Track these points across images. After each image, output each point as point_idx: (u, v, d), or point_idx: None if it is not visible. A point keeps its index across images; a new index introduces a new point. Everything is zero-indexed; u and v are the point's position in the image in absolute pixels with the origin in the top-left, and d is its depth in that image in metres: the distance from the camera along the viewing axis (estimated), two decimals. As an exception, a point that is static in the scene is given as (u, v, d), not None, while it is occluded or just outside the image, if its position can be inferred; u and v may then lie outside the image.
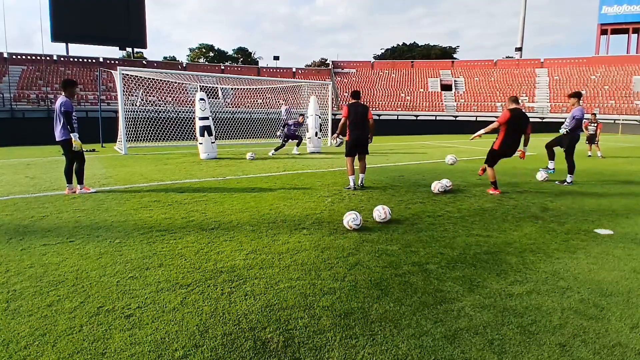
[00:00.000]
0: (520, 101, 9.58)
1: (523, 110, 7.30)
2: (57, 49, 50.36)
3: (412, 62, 58.78)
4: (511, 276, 3.52)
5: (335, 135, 7.98)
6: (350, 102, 7.51)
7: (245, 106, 36.22)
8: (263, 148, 15.48)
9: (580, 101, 8.23)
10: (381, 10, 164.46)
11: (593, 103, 43.77)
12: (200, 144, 12.24)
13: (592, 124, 14.49)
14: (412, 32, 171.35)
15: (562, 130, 8.38)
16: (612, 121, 37.93)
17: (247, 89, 28.80)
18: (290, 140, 13.79)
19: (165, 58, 70.77)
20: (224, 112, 28.62)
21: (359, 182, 7.62)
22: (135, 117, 15.70)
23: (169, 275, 3.44)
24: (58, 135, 6.74)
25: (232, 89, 41.51)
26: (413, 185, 7.88)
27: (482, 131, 7.24)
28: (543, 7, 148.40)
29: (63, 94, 6.78)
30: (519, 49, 57.78)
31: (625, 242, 4.50)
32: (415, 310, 2.89)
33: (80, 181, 6.91)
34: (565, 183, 8.17)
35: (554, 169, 8.92)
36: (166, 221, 5.09)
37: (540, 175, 8.62)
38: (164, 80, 18.15)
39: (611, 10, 51.29)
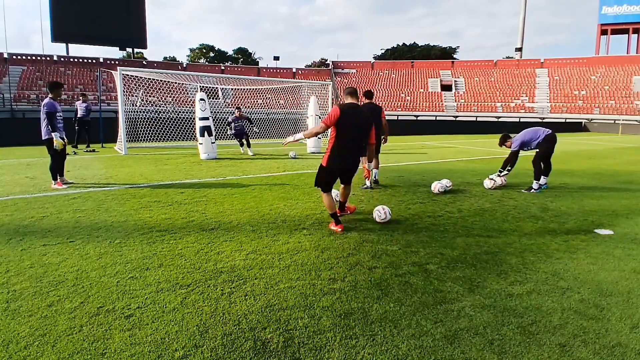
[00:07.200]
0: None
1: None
2: (57, 49, 50.57)
3: (412, 62, 58.78)
4: (511, 276, 3.52)
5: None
6: (364, 102, 7.55)
7: (245, 106, 36.19)
8: (263, 148, 15.46)
9: (509, 142, 7.74)
10: (381, 10, 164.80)
11: (593, 103, 43.77)
12: (200, 144, 12.24)
13: None
14: (412, 32, 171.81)
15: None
16: (612, 121, 37.92)
17: (247, 89, 28.75)
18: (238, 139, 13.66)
19: (165, 58, 70.86)
20: (224, 112, 28.63)
21: (373, 177, 7.80)
22: (135, 118, 15.71)
23: (169, 275, 3.44)
24: (43, 134, 7.36)
25: (232, 89, 41.51)
26: (413, 186, 7.88)
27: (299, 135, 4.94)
28: (543, 7, 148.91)
29: (50, 95, 7.28)
30: (519, 49, 57.77)
31: (625, 242, 4.50)
32: (415, 310, 2.89)
33: (54, 177, 7.42)
34: (532, 190, 7.41)
35: (546, 184, 7.89)
36: (166, 221, 5.09)
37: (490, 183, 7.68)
38: (164, 81, 18.15)
39: (611, 11, 51.29)
